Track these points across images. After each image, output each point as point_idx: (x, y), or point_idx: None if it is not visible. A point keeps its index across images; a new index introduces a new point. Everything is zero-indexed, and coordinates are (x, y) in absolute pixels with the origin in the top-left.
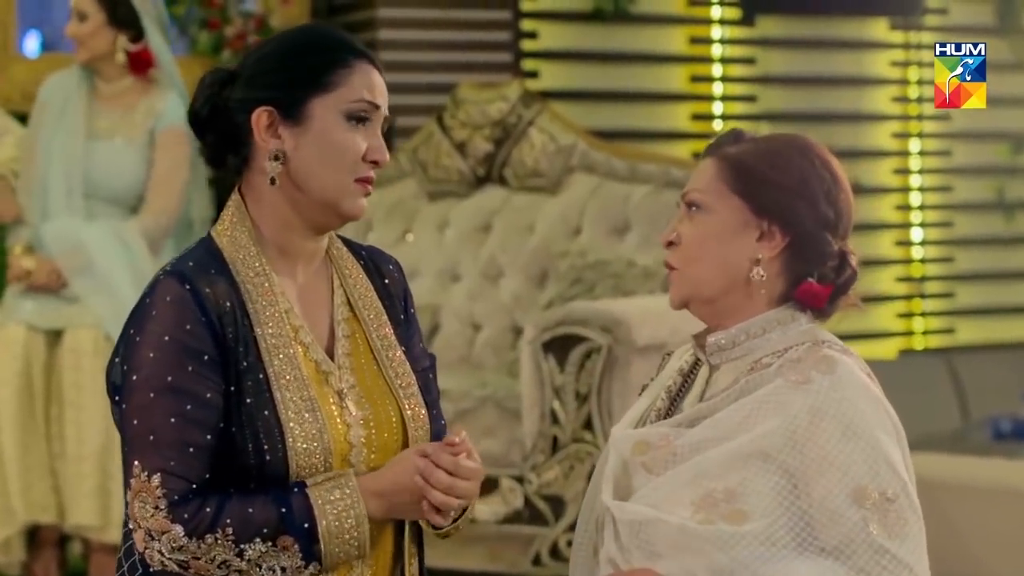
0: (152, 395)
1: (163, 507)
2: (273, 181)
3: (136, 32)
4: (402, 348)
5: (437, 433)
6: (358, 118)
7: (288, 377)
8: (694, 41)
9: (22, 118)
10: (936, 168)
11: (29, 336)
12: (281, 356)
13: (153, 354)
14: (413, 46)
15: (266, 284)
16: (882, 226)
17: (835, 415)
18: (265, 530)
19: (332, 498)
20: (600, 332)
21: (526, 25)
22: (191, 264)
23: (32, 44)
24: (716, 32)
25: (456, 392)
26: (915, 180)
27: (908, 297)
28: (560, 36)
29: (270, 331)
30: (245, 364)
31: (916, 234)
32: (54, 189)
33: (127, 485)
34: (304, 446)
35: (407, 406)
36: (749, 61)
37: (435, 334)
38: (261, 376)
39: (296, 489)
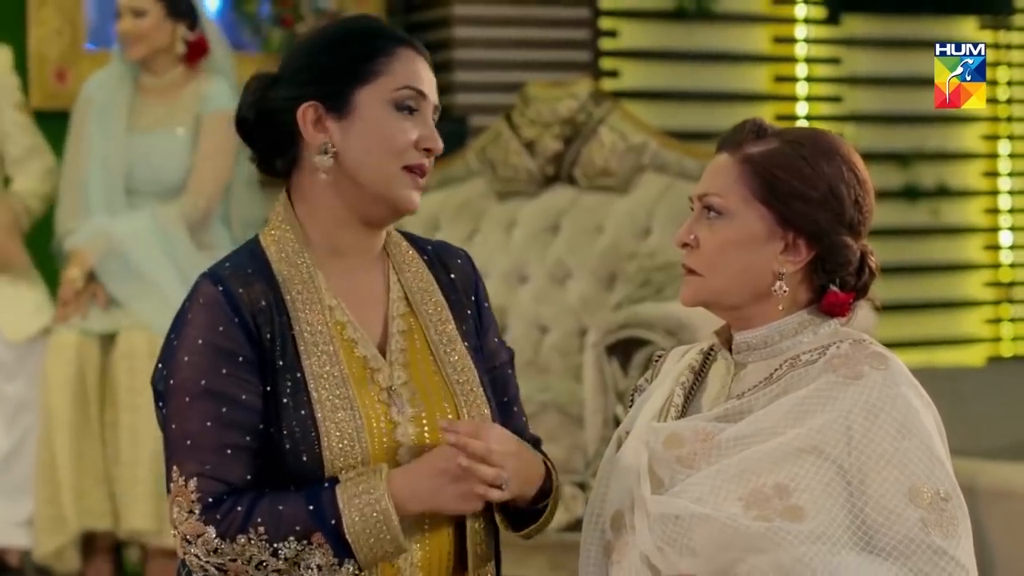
0: (188, 399)
1: (197, 511)
2: (326, 174)
3: (192, 20)
4: (467, 344)
5: (517, 431)
6: (406, 107)
7: (326, 375)
8: (778, 40)
9: None
10: None
11: (82, 341)
12: (319, 354)
13: (188, 358)
14: (489, 44)
15: (309, 282)
16: (970, 230)
17: (891, 411)
18: (297, 528)
19: (358, 491)
20: (665, 335)
21: (606, 23)
22: (227, 265)
23: None
24: (800, 31)
25: None
26: (1004, 183)
27: (996, 302)
28: (641, 35)
29: (308, 328)
30: (282, 363)
31: (1005, 238)
32: (94, 188)
33: (168, 490)
34: (340, 446)
35: (464, 403)
36: (834, 61)
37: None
38: (299, 375)
39: (327, 485)
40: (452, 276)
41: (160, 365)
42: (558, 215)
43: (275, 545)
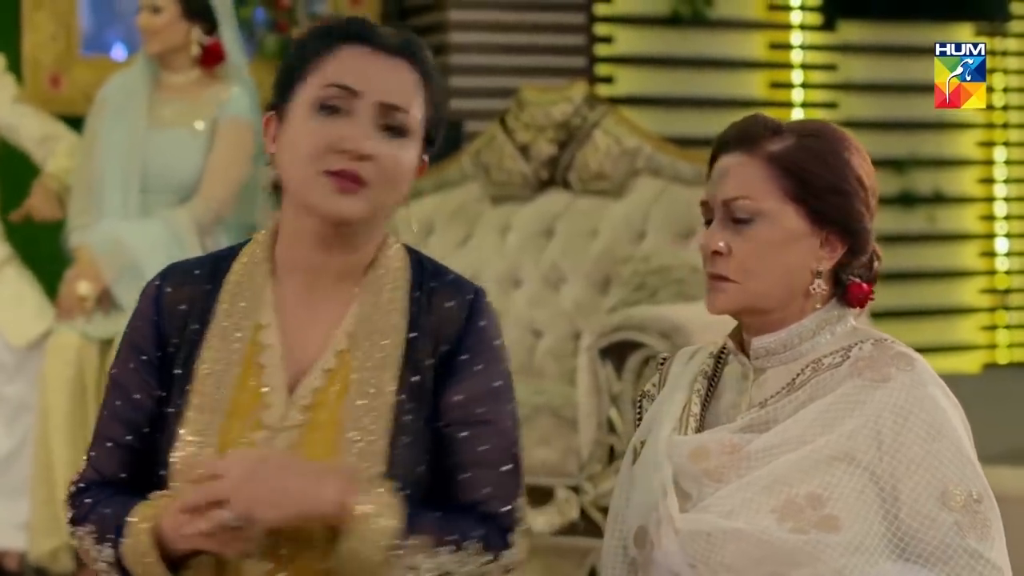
0: (107, 386)
1: (69, 492)
2: (276, 188)
3: (209, 25)
4: (404, 396)
5: (470, 503)
6: (329, 107)
7: (207, 396)
8: (773, 47)
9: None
10: (1022, 177)
11: (82, 343)
12: (213, 374)
13: (120, 347)
14: (485, 50)
15: (251, 294)
16: (966, 236)
17: (920, 414)
18: (109, 536)
19: (144, 515)
20: (659, 338)
21: (601, 29)
22: (186, 262)
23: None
24: (796, 37)
25: None
26: (1000, 190)
27: (992, 309)
28: (636, 41)
29: (217, 345)
30: (179, 372)
31: (1001, 245)
32: (109, 187)
33: None
34: (185, 471)
35: (342, 457)
36: (830, 67)
37: None
38: (187, 388)
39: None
40: (432, 318)
41: None
42: (552, 219)
43: (98, 545)
